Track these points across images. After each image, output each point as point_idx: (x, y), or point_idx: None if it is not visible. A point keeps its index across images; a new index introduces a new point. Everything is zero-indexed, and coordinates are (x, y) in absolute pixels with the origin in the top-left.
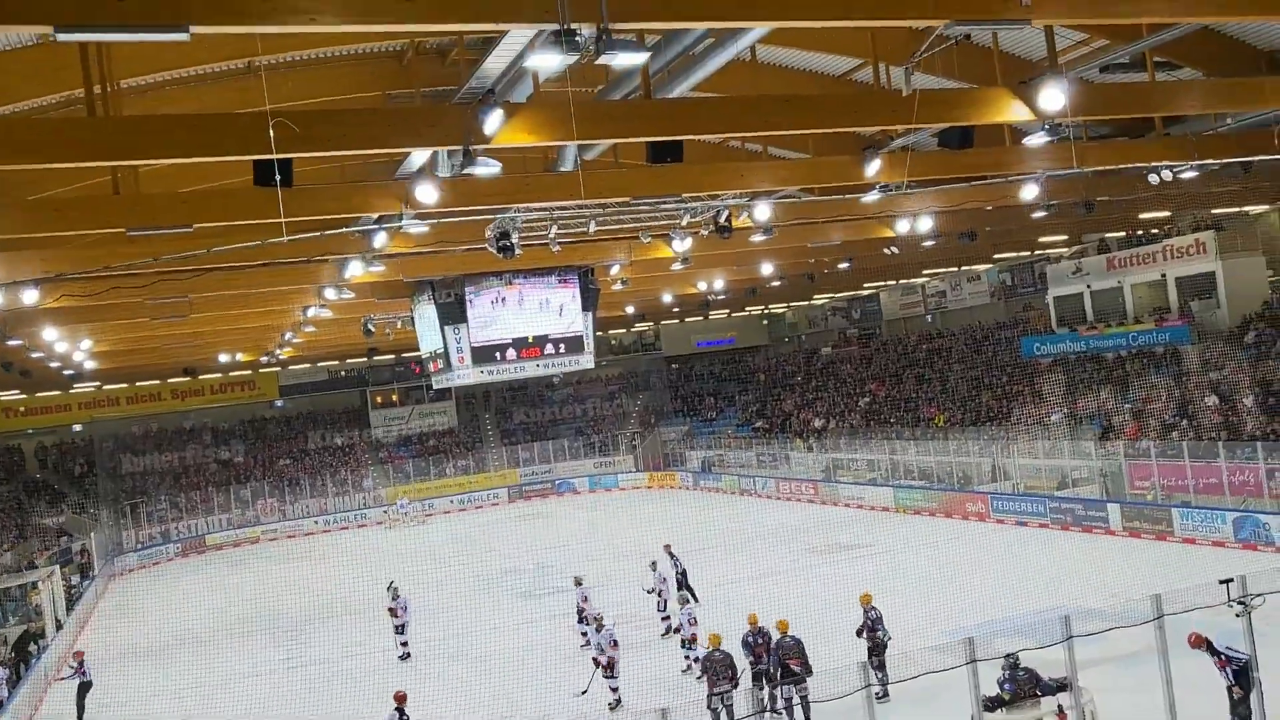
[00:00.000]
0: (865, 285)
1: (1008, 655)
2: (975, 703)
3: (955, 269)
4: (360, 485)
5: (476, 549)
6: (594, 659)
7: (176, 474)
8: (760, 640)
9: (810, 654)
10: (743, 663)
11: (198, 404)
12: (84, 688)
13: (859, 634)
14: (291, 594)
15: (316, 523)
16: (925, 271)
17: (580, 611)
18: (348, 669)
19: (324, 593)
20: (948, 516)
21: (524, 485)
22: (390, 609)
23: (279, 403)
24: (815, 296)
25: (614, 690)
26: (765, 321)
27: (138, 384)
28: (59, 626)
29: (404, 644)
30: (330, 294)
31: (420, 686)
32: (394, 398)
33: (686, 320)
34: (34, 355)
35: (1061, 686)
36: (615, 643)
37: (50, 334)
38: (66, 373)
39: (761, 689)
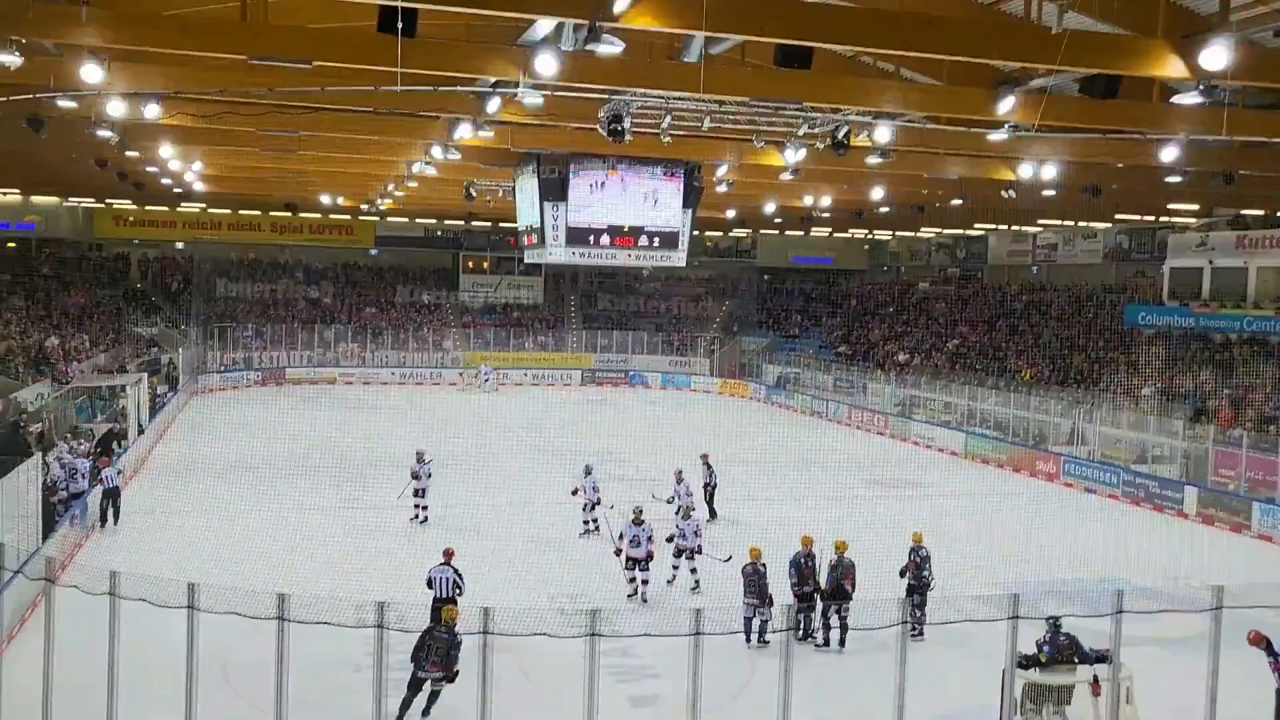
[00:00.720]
0: (975, 225)
1: (1050, 618)
2: (1009, 657)
3: (1072, 223)
4: (440, 345)
5: (545, 425)
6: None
7: (266, 305)
8: (809, 563)
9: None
10: (783, 582)
11: (294, 240)
12: (109, 494)
13: (902, 574)
14: (361, 439)
15: (394, 374)
16: (1040, 221)
17: (590, 503)
18: (399, 521)
19: (391, 442)
20: (1016, 471)
21: (597, 371)
22: (413, 472)
23: (373, 251)
24: (922, 229)
25: (644, 583)
26: (867, 247)
27: (240, 212)
28: (140, 431)
29: (423, 508)
30: (437, 152)
31: (466, 547)
32: (485, 265)
33: (786, 233)
34: (148, 169)
35: (1101, 658)
36: (697, 531)
37: (165, 150)
38: (176, 190)
39: (801, 611)
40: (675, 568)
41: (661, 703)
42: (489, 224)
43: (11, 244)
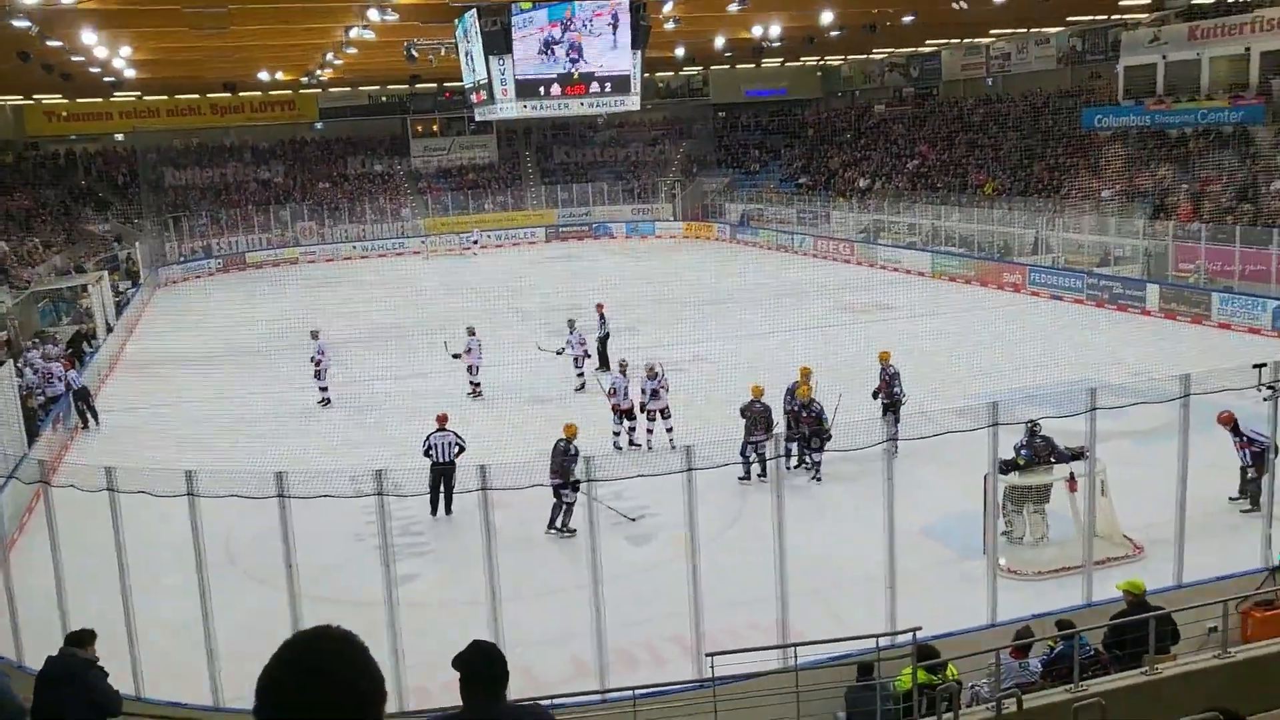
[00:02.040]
0: (927, 42)
1: (1028, 422)
2: (992, 464)
3: (1024, 30)
4: (398, 214)
5: (514, 285)
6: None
7: (217, 190)
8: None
9: (830, 408)
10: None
11: (238, 120)
12: (79, 395)
13: (875, 394)
14: (331, 316)
15: (355, 248)
16: (992, 31)
17: (578, 356)
18: (383, 391)
19: (362, 317)
20: (983, 285)
21: (561, 226)
22: (456, 355)
23: (319, 125)
24: (874, 50)
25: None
26: (820, 74)
27: (178, 97)
28: (109, 329)
29: (475, 384)
30: (373, 14)
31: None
32: (435, 128)
33: (738, 67)
34: (74, 59)
35: (1076, 455)
36: (655, 392)
37: (89, 36)
38: (107, 80)
39: (791, 438)
40: (632, 429)
41: (659, 540)
42: (435, 85)
43: None
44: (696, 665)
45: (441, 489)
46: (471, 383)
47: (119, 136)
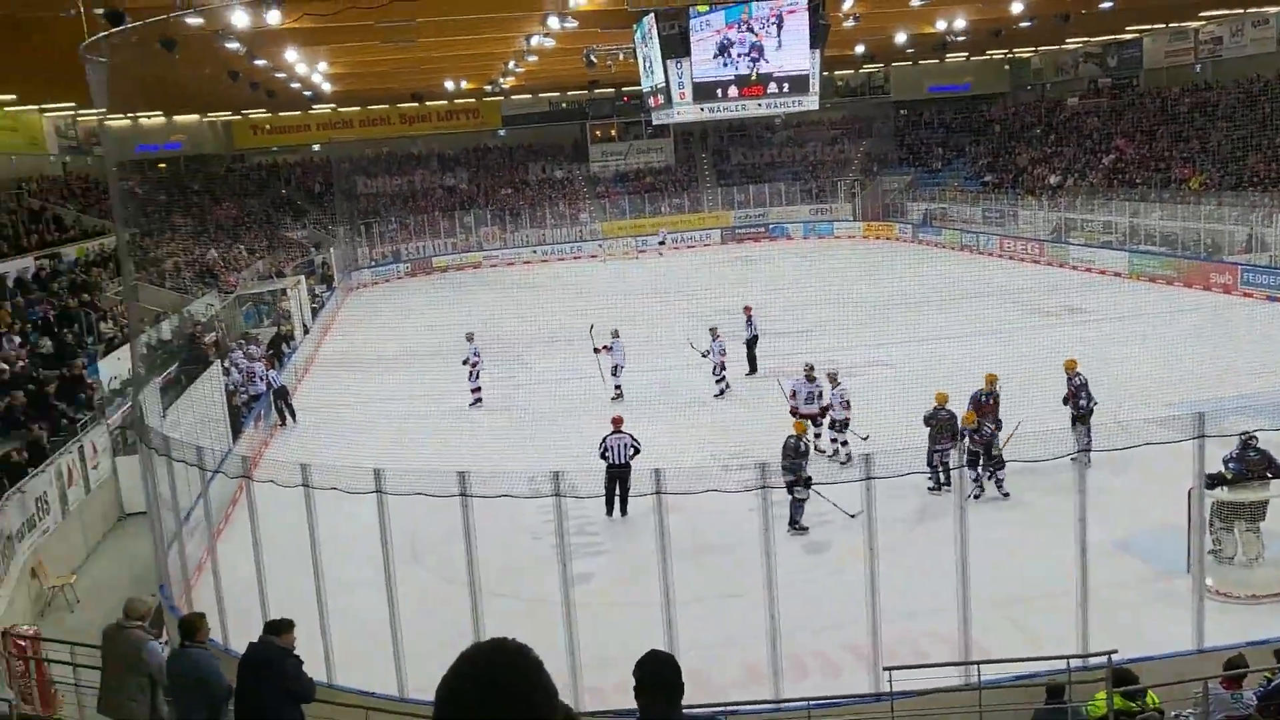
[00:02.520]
0: (1127, 29)
1: (1243, 434)
2: (1197, 477)
3: (1240, 10)
4: (577, 219)
5: (688, 288)
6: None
7: (405, 197)
8: (989, 401)
9: (1009, 428)
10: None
11: (425, 129)
12: (278, 394)
13: (1065, 402)
14: (514, 319)
15: (535, 252)
16: (1202, 14)
17: (717, 364)
18: (565, 392)
19: (544, 320)
20: (1188, 286)
21: (737, 228)
22: (598, 348)
23: (501, 132)
24: (1067, 40)
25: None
26: (1007, 67)
27: (369, 108)
28: (305, 330)
29: (617, 387)
30: (553, 22)
31: (631, 415)
32: (613, 132)
33: (920, 63)
34: (277, 75)
35: None
36: (845, 403)
37: (290, 55)
38: (306, 94)
39: (977, 447)
40: (816, 435)
41: (836, 548)
42: (612, 90)
43: (162, 164)
44: (873, 677)
45: (617, 491)
46: (615, 385)
47: (316, 147)
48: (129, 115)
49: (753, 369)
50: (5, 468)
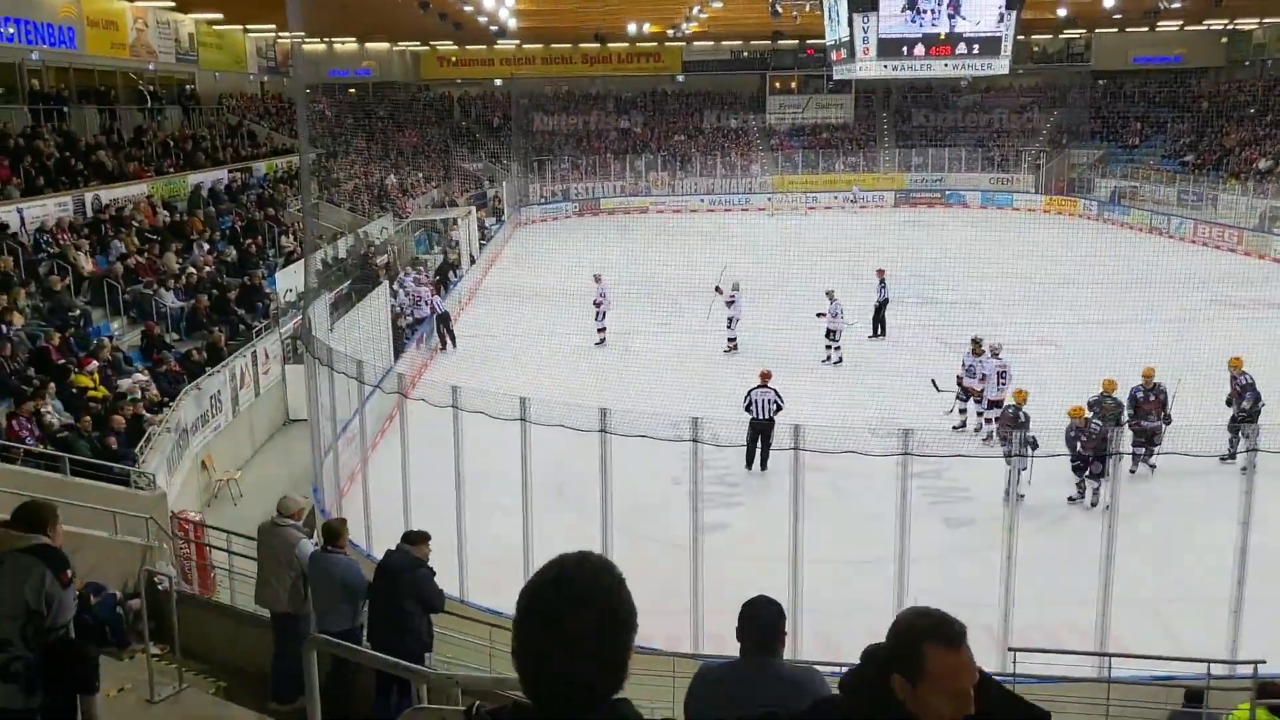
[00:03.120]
0: None
1: None
2: None
3: None
4: (748, 170)
5: (854, 249)
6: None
7: (579, 137)
8: (1150, 397)
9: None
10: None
11: (604, 70)
12: (441, 319)
13: (1228, 402)
14: (674, 267)
15: (702, 201)
16: None
17: (833, 329)
18: (712, 343)
19: (704, 269)
20: None
21: (911, 191)
22: (728, 300)
23: (679, 78)
24: None
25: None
26: (1225, 39)
27: (552, 46)
28: (472, 260)
29: (731, 339)
30: None
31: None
32: (792, 85)
33: (1126, 31)
34: (466, 8)
35: None
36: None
37: None
38: (493, 29)
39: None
40: (963, 411)
41: (978, 526)
42: (795, 42)
43: (352, 89)
44: (999, 658)
45: (759, 445)
46: (729, 338)
47: (498, 82)
48: (324, 40)
49: (880, 332)
50: (186, 365)
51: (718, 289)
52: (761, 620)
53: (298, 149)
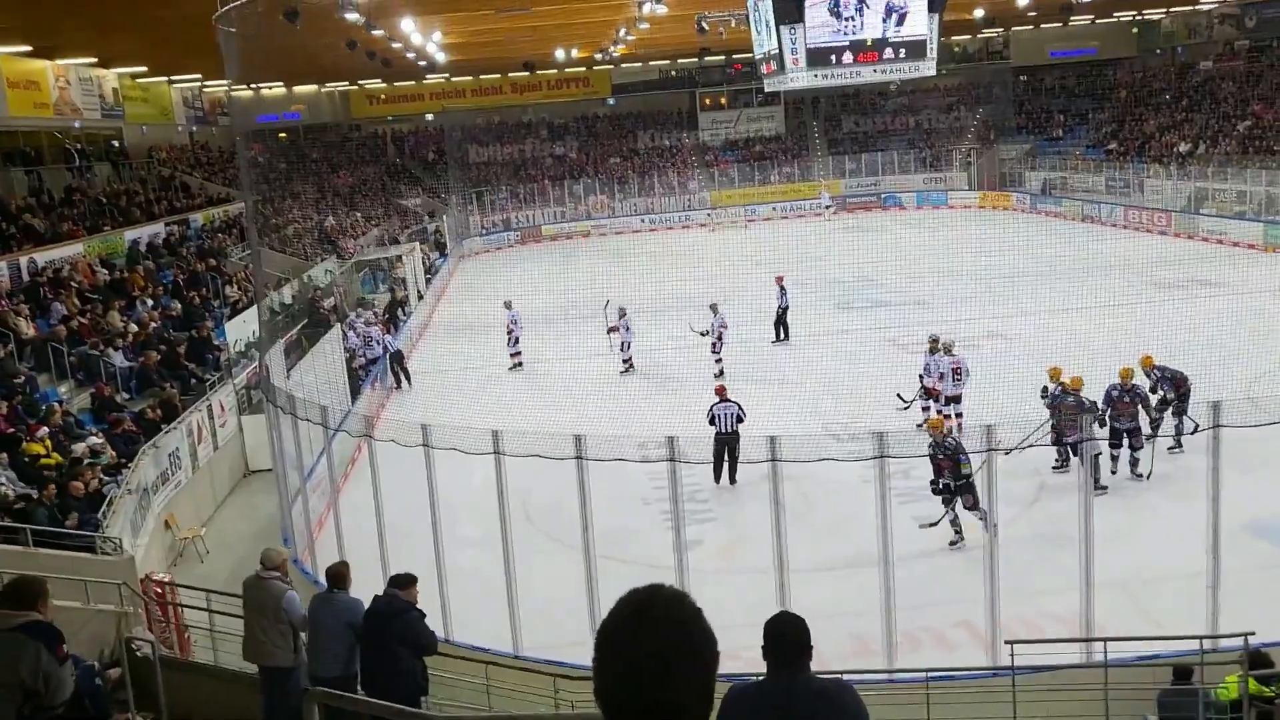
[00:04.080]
0: None
1: None
2: None
3: None
4: (686, 187)
5: (796, 258)
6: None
7: (516, 166)
8: (1127, 398)
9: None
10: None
11: (535, 98)
12: (394, 358)
13: (1153, 390)
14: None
15: (643, 221)
16: None
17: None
18: (668, 361)
19: (653, 287)
20: None
21: (848, 197)
22: (611, 328)
23: (611, 101)
24: (1201, 1)
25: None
26: (1135, 30)
27: (482, 77)
28: (420, 296)
29: (625, 360)
30: None
31: (735, 385)
32: (722, 101)
33: (1042, 27)
34: (394, 45)
35: None
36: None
37: (407, 24)
38: (421, 63)
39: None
40: (925, 409)
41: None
42: (723, 57)
43: (282, 134)
44: (990, 653)
45: (726, 458)
46: (623, 359)
47: (429, 116)
48: (253, 85)
49: (783, 337)
50: (141, 423)
51: (610, 330)
52: (788, 636)
53: (234, 198)
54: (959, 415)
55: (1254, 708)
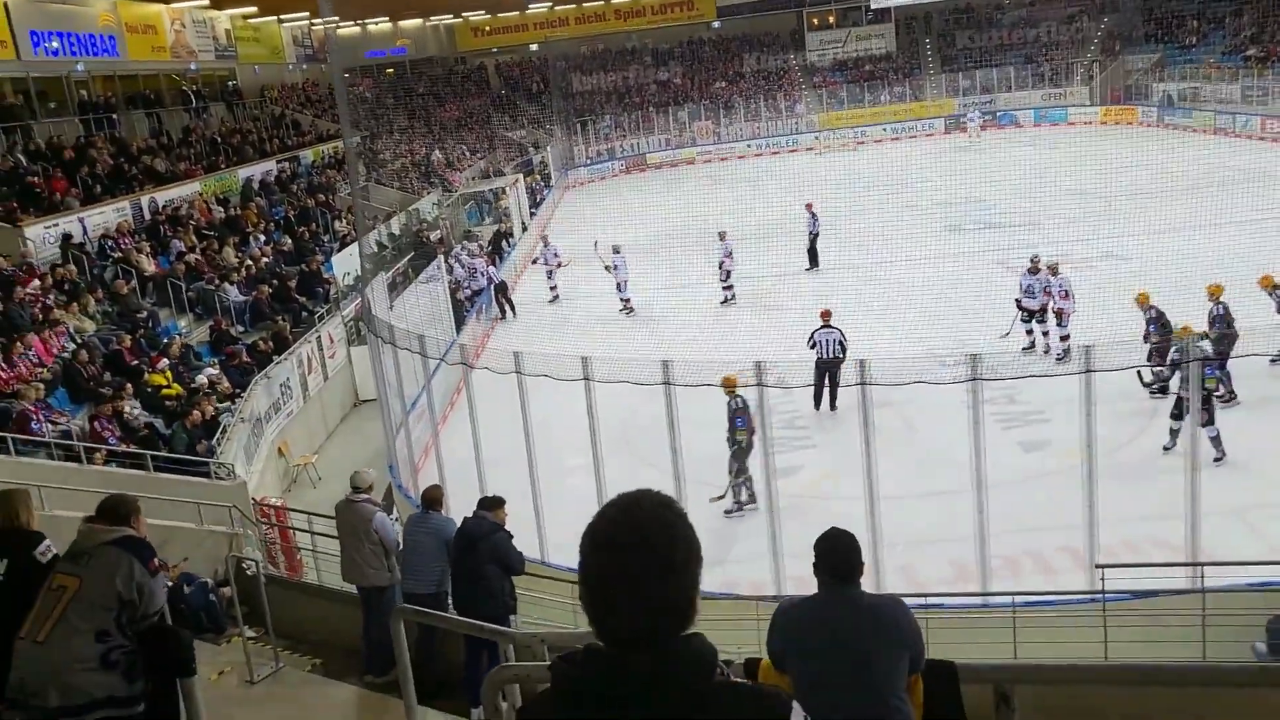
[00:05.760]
0: None
1: None
2: None
3: None
4: (793, 111)
5: (909, 179)
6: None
7: (620, 94)
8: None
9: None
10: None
11: (639, 24)
12: (499, 289)
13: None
14: (725, 214)
15: (749, 146)
16: None
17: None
18: (773, 286)
19: (756, 215)
20: None
21: (961, 116)
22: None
23: (716, 24)
24: None
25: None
26: None
27: (584, 5)
28: (524, 228)
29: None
30: None
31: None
32: (830, 19)
33: None
34: None
35: None
36: (1066, 293)
37: None
38: None
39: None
40: (1029, 332)
41: (1054, 447)
42: None
43: (389, 69)
44: (1088, 577)
45: (826, 384)
46: (621, 298)
47: (533, 47)
48: (357, 22)
49: (814, 264)
50: (254, 355)
51: (607, 268)
52: (837, 551)
53: (342, 134)
54: (1065, 338)
55: None
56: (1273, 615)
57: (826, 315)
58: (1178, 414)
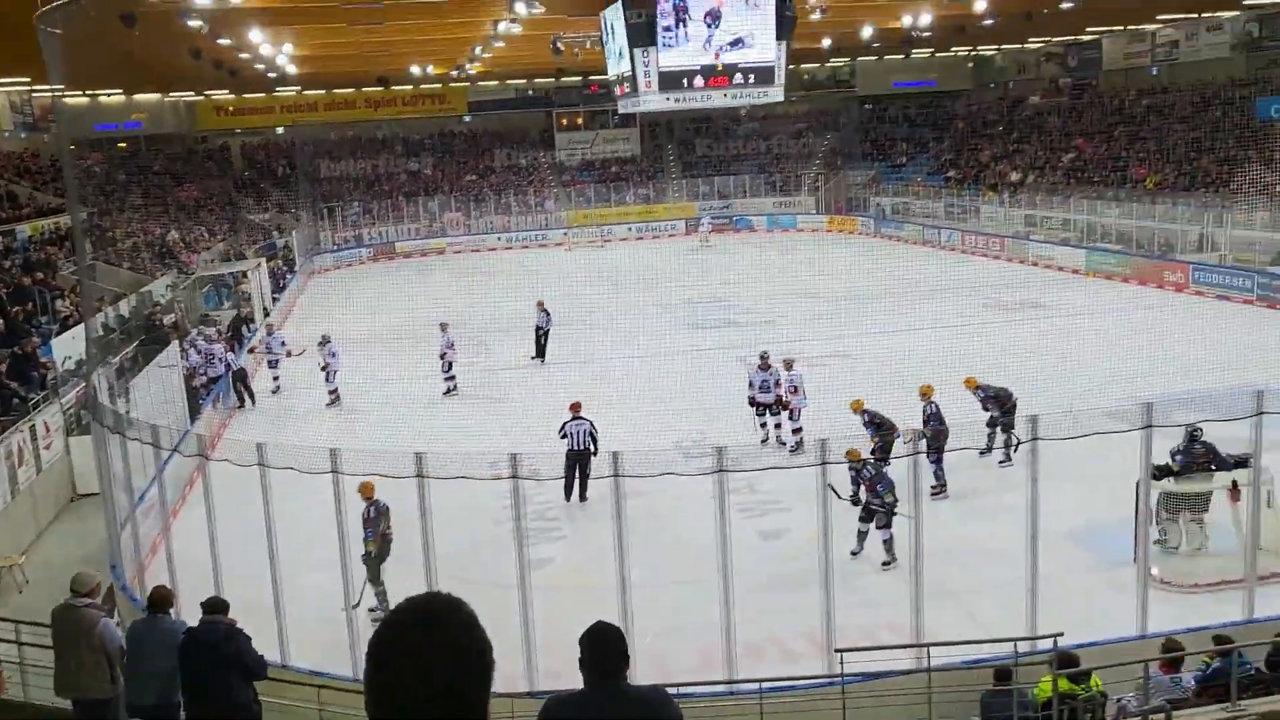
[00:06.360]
0: (1088, 29)
1: (1188, 426)
2: (1144, 468)
3: (1195, 15)
4: (542, 206)
5: (653, 277)
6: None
7: (369, 181)
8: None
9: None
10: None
11: (389, 114)
12: (237, 376)
13: (984, 408)
14: (475, 305)
15: (499, 239)
16: (1160, 17)
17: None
18: (522, 378)
19: (506, 305)
20: (1142, 284)
21: (701, 219)
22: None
23: (467, 118)
24: (1029, 39)
25: (777, 427)
26: (971, 65)
27: (335, 91)
28: (265, 313)
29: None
30: (520, 8)
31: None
32: (579, 121)
33: (885, 59)
34: (241, 55)
35: (1240, 463)
36: (795, 388)
37: (255, 35)
38: (270, 75)
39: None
40: (763, 425)
41: (791, 535)
42: (579, 79)
43: (121, 144)
44: (826, 662)
45: (576, 475)
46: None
47: (280, 130)
48: (86, 92)
49: (539, 356)
50: None
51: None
52: (603, 646)
53: (66, 208)
54: (797, 430)
55: (1064, 706)
56: (985, 691)
57: (576, 407)
58: (866, 517)
